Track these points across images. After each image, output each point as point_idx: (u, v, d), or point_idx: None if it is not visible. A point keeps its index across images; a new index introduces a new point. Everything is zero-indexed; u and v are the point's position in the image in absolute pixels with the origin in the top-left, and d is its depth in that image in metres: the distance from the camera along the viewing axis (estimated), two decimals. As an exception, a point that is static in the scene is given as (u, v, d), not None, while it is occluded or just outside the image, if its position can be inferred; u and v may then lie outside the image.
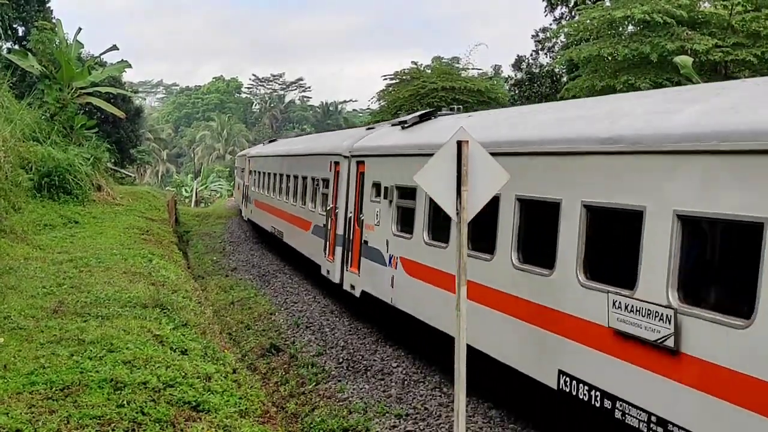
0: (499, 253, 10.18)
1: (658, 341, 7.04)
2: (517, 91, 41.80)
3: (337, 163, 18.59)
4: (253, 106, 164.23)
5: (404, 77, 48.76)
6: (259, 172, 33.71)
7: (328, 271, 18.76)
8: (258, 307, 19.75)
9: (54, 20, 39.14)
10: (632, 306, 7.38)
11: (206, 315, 15.76)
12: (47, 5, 42.03)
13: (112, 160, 37.96)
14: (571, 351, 8.45)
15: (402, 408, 11.51)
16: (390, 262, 14.25)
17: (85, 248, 17.92)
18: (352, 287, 16.71)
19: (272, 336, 16.73)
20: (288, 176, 25.76)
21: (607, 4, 27.19)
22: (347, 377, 13.32)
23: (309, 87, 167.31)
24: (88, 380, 8.82)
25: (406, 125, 15.62)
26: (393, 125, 16.90)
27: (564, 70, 37.36)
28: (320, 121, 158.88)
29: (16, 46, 39.25)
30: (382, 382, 13.02)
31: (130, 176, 46.76)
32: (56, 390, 8.56)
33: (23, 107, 28.33)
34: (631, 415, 7.41)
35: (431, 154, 8.91)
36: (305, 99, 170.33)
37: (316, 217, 20.63)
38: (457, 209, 8.79)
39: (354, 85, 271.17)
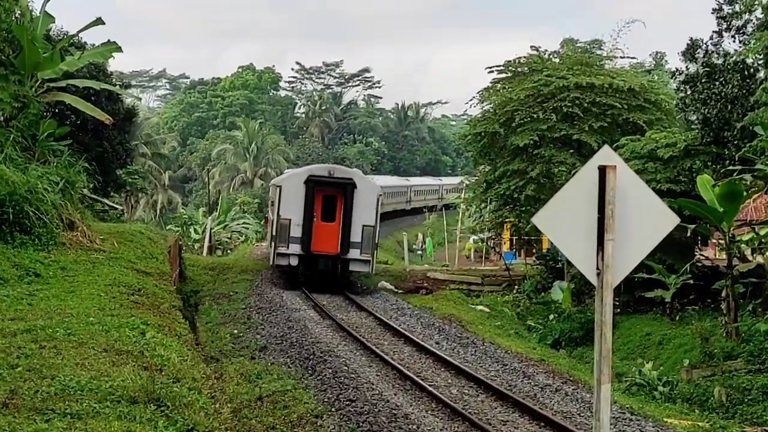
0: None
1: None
2: (688, 91, 41.21)
3: None
4: (297, 109, 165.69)
5: (520, 69, 48.82)
6: None
7: None
8: (298, 407, 19.79)
9: (14, -17, 40.26)
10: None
11: (222, 416, 15.85)
12: (5, -38, 43.37)
13: (91, 186, 38.45)
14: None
15: None
16: None
17: (50, 314, 18.18)
18: None
19: (317, 450, 16.73)
20: None
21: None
22: None
23: (378, 82, 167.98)
24: None
25: None
26: None
27: (761, 61, 36.80)
28: (394, 132, 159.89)
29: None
30: None
31: (116, 209, 47.45)
32: None
33: (-35, 107, 29.03)
34: None
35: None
36: (373, 99, 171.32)
37: None
38: (597, 267, 8.70)
39: (444, 80, 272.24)
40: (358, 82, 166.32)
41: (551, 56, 51.10)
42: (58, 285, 21.78)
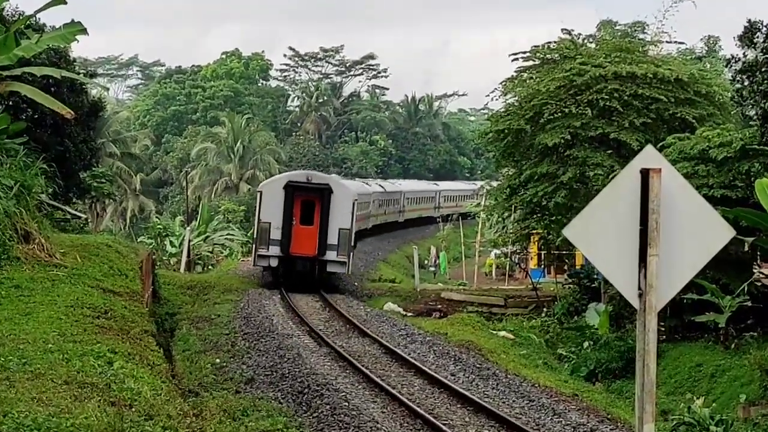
0: None
1: None
2: (746, 82, 41.18)
3: None
4: (290, 102, 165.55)
5: (549, 56, 48.81)
6: None
7: None
8: (289, 449, 19.80)
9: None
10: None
11: (201, 459, 15.85)
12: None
13: (51, 191, 38.52)
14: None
15: None
16: None
17: (2, 340, 18.21)
18: None
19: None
20: None
21: None
22: None
23: (384, 70, 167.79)
24: None
25: None
26: None
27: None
28: (402, 129, 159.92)
29: None
30: None
31: (80, 217, 47.49)
32: None
33: None
34: None
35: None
36: (378, 91, 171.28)
37: None
38: (639, 287, 8.70)
39: (463, 68, 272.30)
40: (361, 71, 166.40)
41: (586, 41, 51.06)
42: (12, 306, 21.80)
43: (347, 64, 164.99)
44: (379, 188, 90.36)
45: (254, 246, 50.39)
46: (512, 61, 50.03)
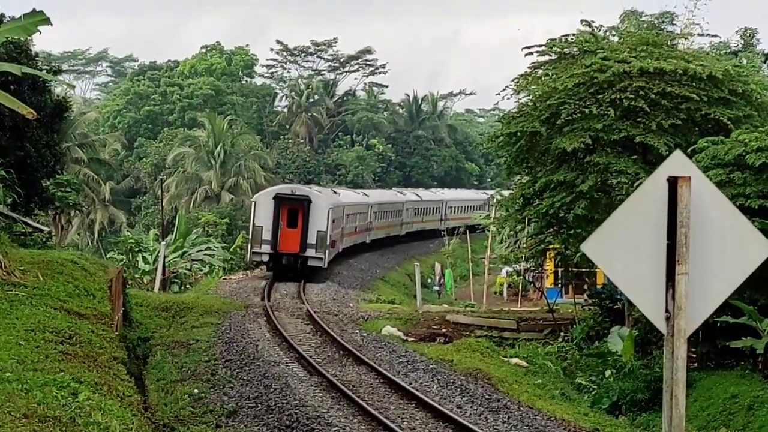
0: None
1: None
2: (788, 79, 41.33)
3: None
4: (277, 102, 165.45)
5: (567, 50, 48.75)
6: None
7: None
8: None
9: None
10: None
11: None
12: None
13: (9, 201, 38.57)
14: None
15: None
16: None
17: (-47, 367, 18.21)
18: None
19: None
20: None
21: None
22: None
23: (383, 66, 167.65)
24: None
25: None
26: None
27: None
28: (403, 132, 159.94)
29: None
30: None
31: (42, 231, 47.48)
32: None
33: None
34: None
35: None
36: (376, 89, 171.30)
37: None
38: (667, 310, 8.70)
39: (471, 64, 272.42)
40: (356, 67, 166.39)
41: (608, 33, 51.00)
42: (-35, 330, 21.77)
43: (341, 60, 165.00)
44: (415, 197, 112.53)
45: (249, 245, 70.17)
46: (526, 55, 49.84)
